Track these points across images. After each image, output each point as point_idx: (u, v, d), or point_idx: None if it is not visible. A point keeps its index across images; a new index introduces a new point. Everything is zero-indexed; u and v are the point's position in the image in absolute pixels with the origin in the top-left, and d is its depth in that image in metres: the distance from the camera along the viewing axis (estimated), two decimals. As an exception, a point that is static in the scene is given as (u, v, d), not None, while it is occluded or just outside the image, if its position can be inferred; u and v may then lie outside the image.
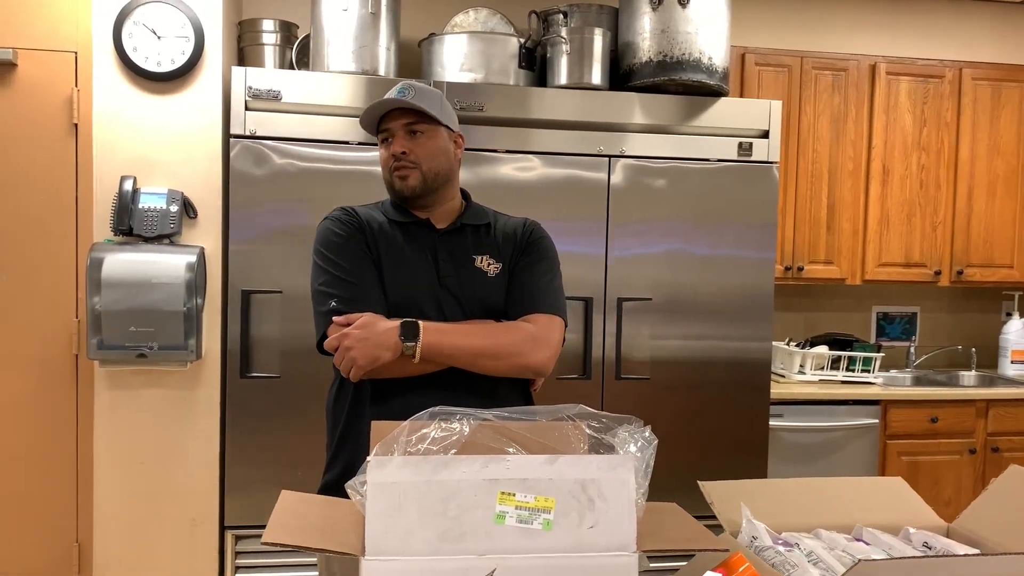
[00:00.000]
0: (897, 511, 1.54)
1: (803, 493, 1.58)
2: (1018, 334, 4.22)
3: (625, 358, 3.24)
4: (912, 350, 4.36)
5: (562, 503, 1.16)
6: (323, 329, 1.83)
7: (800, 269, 3.90)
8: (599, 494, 1.17)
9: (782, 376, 3.93)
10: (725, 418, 3.32)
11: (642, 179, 3.23)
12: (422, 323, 1.77)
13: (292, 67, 3.33)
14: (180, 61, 2.99)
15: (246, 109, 3.00)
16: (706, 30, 3.20)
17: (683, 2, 3.15)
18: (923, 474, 3.74)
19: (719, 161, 3.29)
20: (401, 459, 1.17)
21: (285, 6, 3.53)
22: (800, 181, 3.89)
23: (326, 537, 1.17)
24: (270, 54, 3.33)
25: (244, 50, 3.36)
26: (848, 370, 3.88)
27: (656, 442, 1.32)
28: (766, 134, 3.32)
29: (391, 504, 1.14)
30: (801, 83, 3.87)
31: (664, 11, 3.19)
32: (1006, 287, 4.28)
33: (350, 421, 1.88)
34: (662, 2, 3.16)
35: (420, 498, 1.14)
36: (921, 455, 3.74)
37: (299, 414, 3.02)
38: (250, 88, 2.99)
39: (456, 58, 3.22)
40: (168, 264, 2.90)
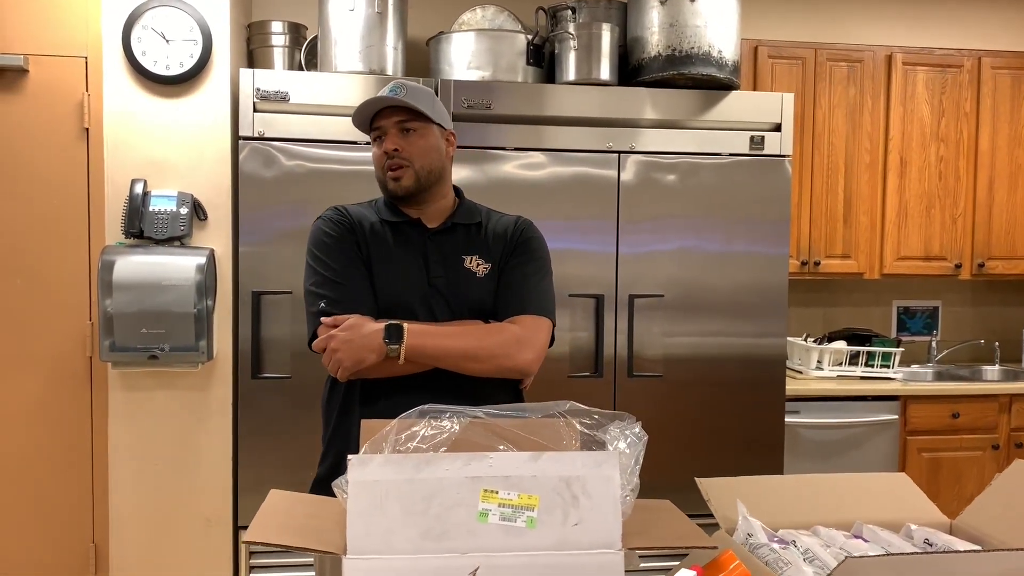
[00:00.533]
0: (900, 508, 1.51)
1: (803, 490, 1.55)
2: (1043, 327, 4.15)
3: (637, 356, 3.21)
4: (934, 345, 4.29)
5: (546, 500, 1.15)
6: (313, 329, 1.86)
7: (817, 264, 3.85)
8: (583, 491, 1.16)
9: (799, 372, 3.88)
10: (740, 415, 3.28)
11: (652, 175, 3.21)
12: (407, 325, 1.78)
13: (301, 68, 3.34)
14: (188, 64, 3.01)
15: (254, 111, 3.01)
16: (715, 23, 3.17)
17: (691, -5, 3.13)
18: (944, 471, 3.68)
19: (731, 156, 3.25)
20: (383, 457, 1.16)
21: (294, 7, 3.54)
22: (816, 175, 3.84)
23: (310, 536, 1.17)
24: (279, 55, 3.34)
25: (253, 52, 3.37)
26: (867, 366, 3.82)
27: (646, 438, 1.30)
28: (778, 127, 3.27)
29: (373, 503, 1.13)
30: (815, 75, 3.82)
31: (672, 5, 3.16)
32: (1030, 280, 4.21)
33: (340, 418, 1.90)
34: (670, -4, 3.14)
35: (402, 496, 1.14)
36: (942, 451, 3.68)
37: (311, 414, 2.98)
38: (258, 90, 3.00)
39: (464, 56, 3.21)
40: (179, 266, 2.92)
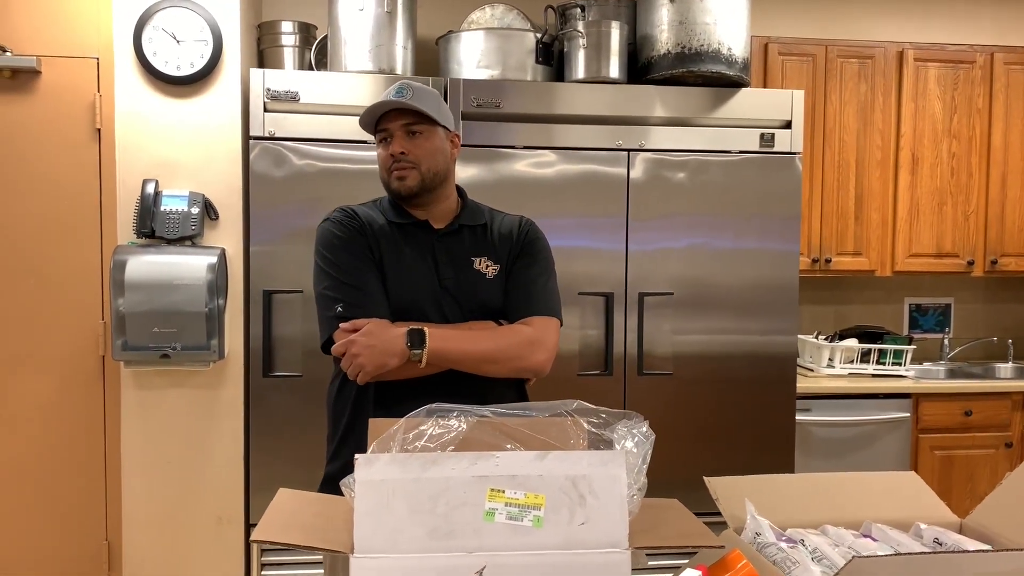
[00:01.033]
0: (909, 507, 1.51)
1: (811, 489, 1.55)
2: (1056, 324, 4.12)
3: (647, 354, 3.21)
4: (946, 342, 4.27)
5: (552, 500, 1.15)
6: (328, 333, 1.87)
7: (828, 261, 3.84)
8: (590, 490, 1.16)
9: (810, 370, 3.87)
10: (750, 413, 3.27)
11: (662, 172, 3.20)
12: (428, 329, 1.80)
13: (311, 68, 3.35)
14: (199, 64, 3.03)
15: (265, 111, 3.02)
16: (725, 20, 3.16)
17: (701, -8, 3.12)
18: (957, 469, 3.66)
19: (741, 153, 3.24)
20: (389, 457, 1.17)
21: (304, 7, 3.55)
22: (826, 172, 3.82)
23: (317, 535, 1.18)
24: (289, 55, 3.36)
25: (264, 52, 3.39)
26: (879, 363, 3.80)
27: (653, 437, 1.30)
28: (789, 124, 3.26)
29: (380, 502, 1.13)
30: (826, 72, 3.80)
31: (682, 2, 3.15)
32: (1043, 276, 4.18)
33: (355, 416, 1.91)
34: (679, -7, 3.13)
35: (409, 495, 1.14)
36: (955, 449, 3.66)
37: (322, 412, 2.99)
38: (268, 90, 3.02)
39: (473, 55, 3.21)
40: (190, 265, 2.93)
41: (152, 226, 2.96)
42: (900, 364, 3.79)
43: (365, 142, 3.03)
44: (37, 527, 3.22)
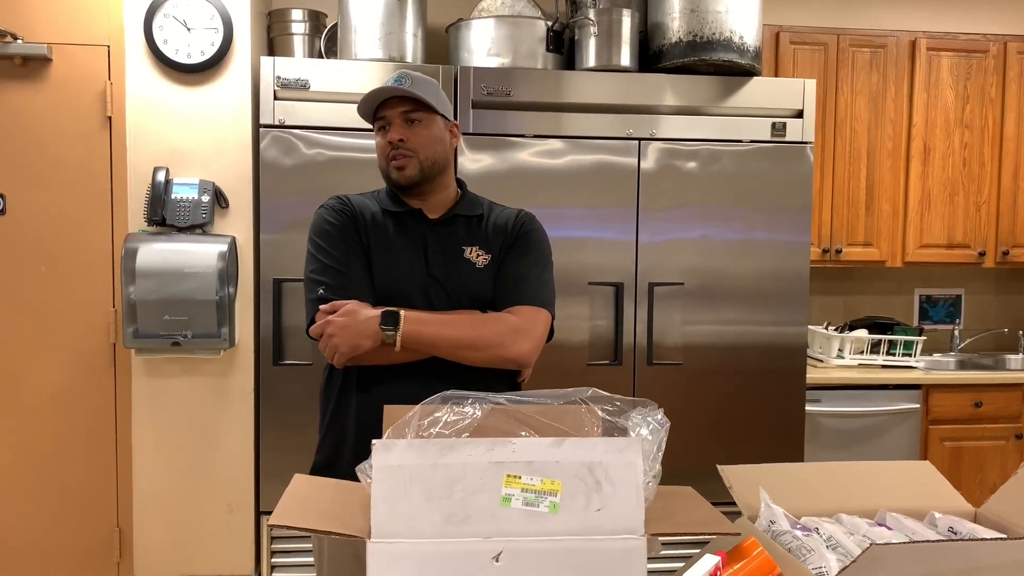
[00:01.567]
0: (923, 496, 1.50)
1: (825, 477, 1.55)
2: (1067, 316, 4.10)
3: (657, 344, 3.21)
4: (956, 333, 4.25)
5: (569, 486, 1.15)
6: (311, 315, 1.86)
7: (838, 252, 3.83)
8: (606, 477, 1.16)
9: (820, 361, 3.86)
10: (760, 403, 3.27)
11: (673, 162, 3.19)
12: (404, 312, 1.78)
13: (321, 56, 3.34)
14: (210, 52, 3.02)
15: (275, 99, 3.02)
16: (737, 9, 3.14)
17: (713, -19, 3.10)
18: (966, 460, 3.65)
19: (752, 142, 3.23)
20: (406, 443, 1.17)
21: (314, -5, 3.54)
22: (837, 162, 3.81)
23: (333, 520, 1.18)
24: (299, 43, 3.35)
25: (274, 40, 3.38)
26: (889, 354, 3.80)
27: (668, 425, 1.30)
28: (800, 114, 3.25)
29: (396, 487, 1.14)
30: (838, 61, 3.78)
31: (694, -10, 3.14)
32: (1055, 268, 4.17)
33: (338, 405, 1.91)
34: (691, -19, 3.12)
35: (425, 481, 1.14)
36: (965, 440, 3.66)
37: (331, 401, 3.04)
38: (279, 78, 3.01)
39: (483, 43, 3.20)
40: (200, 253, 2.94)
41: (163, 214, 2.97)
42: (910, 355, 3.79)
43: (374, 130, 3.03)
44: (49, 513, 3.24)
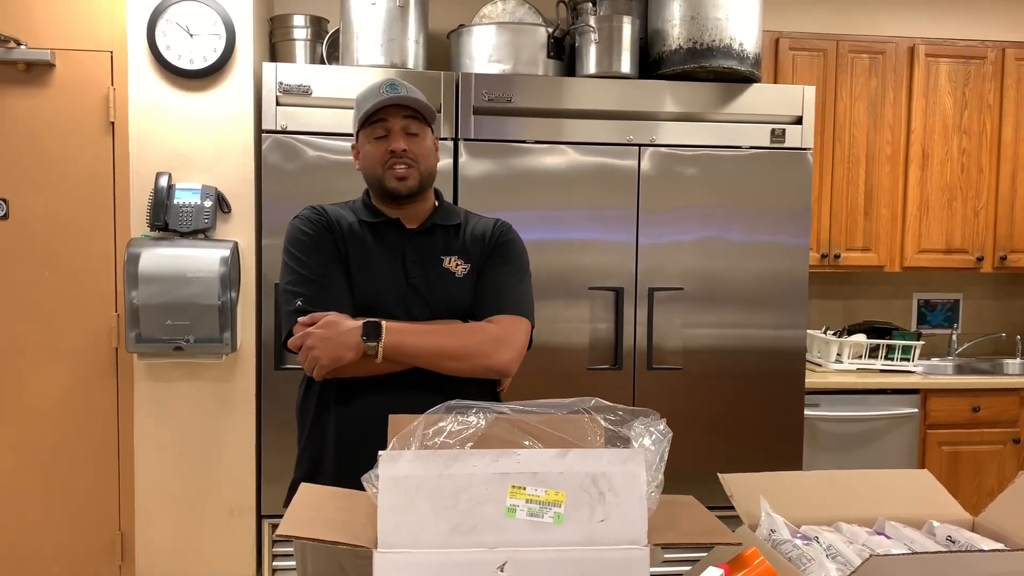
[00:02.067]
0: (921, 504, 1.52)
1: (825, 486, 1.56)
2: (1065, 321, 4.12)
3: (657, 348, 3.23)
4: (954, 338, 4.27)
5: (573, 497, 1.17)
6: (289, 327, 1.83)
7: (837, 256, 3.84)
8: (610, 488, 1.17)
9: (819, 365, 3.88)
10: (759, 408, 3.29)
11: (673, 167, 3.21)
12: (385, 323, 1.76)
13: (323, 62, 3.36)
14: (212, 58, 3.04)
15: (277, 104, 3.04)
16: (737, 16, 3.16)
17: (713, -12, 3.12)
18: (964, 465, 3.67)
19: (751, 148, 3.25)
20: (412, 453, 1.18)
21: (316, 1, 3.55)
22: (836, 167, 3.83)
23: (341, 530, 1.19)
24: (301, 49, 3.37)
25: (276, 45, 3.40)
26: (887, 359, 3.81)
27: (671, 435, 1.32)
28: (799, 120, 3.27)
29: (403, 498, 1.15)
30: (837, 67, 3.80)
31: (694, -3, 3.16)
32: (1052, 273, 4.19)
33: (316, 420, 1.88)
34: (691, -12, 3.13)
35: (431, 492, 1.15)
36: (962, 445, 3.68)
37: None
38: (281, 83, 3.03)
39: (485, 49, 3.22)
40: (203, 258, 2.95)
41: (165, 219, 2.98)
42: (908, 360, 3.80)
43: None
44: (51, 517, 3.25)
